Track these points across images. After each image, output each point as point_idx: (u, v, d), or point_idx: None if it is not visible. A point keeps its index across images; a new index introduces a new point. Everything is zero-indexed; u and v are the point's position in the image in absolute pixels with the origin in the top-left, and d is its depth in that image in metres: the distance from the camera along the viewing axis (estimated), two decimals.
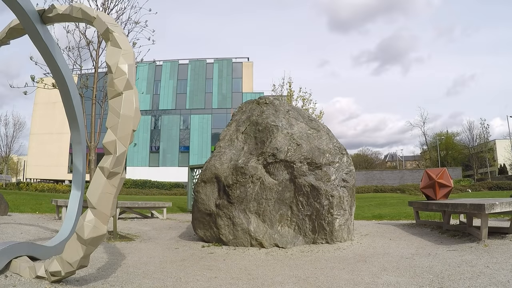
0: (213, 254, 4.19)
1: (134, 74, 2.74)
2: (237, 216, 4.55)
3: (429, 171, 6.07)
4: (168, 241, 5.14)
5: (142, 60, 8.78)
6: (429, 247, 4.07)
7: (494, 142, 51.75)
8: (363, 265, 3.41)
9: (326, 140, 4.98)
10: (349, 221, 4.71)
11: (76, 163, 3.92)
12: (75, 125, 3.84)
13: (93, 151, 7.65)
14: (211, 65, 40.35)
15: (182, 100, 39.84)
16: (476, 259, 3.28)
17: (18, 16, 3.17)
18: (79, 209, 3.78)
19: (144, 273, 3.17)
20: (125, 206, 7.98)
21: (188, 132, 39.14)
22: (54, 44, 3.49)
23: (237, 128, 5.43)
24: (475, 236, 4.21)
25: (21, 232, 4.86)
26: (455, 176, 31.33)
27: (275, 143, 4.71)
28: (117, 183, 2.53)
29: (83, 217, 2.46)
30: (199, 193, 4.92)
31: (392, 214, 8.26)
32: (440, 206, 5.10)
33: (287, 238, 4.47)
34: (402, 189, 23.59)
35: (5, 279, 2.59)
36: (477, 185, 25.03)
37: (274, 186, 4.55)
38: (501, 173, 46.47)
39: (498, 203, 3.90)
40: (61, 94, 3.69)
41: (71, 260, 2.47)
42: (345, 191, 4.69)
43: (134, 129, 2.61)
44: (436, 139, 51.57)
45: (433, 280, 2.76)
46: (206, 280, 3.00)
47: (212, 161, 4.99)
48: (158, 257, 3.97)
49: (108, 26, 2.89)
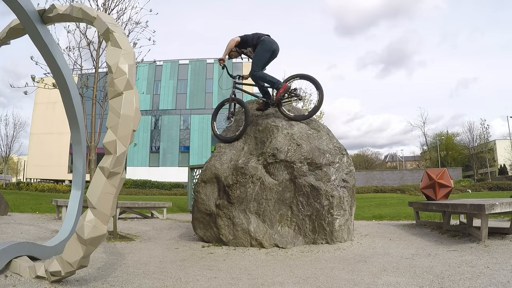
0: (213, 254, 4.19)
1: (135, 74, 2.74)
2: (237, 216, 4.55)
3: (429, 172, 6.07)
4: (168, 241, 5.14)
5: (143, 60, 8.79)
6: (429, 248, 4.07)
7: (494, 143, 51.75)
8: (363, 265, 3.41)
9: (326, 140, 4.98)
10: (349, 221, 4.71)
11: (76, 163, 3.92)
12: (75, 125, 3.84)
13: (93, 151, 7.65)
14: (211, 65, 40.34)
15: (182, 100, 39.86)
16: (476, 260, 3.28)
17: (18, 16, 3.17)
18: (79, 209, 3.78)
19: (144, 273, 3.17)
20: (125, 206, 7.98)
21: (188, 132, 39.15)
22: (54, 44, 3.49)
23: (237, 128, 5.44)
24: (475, 236, 4.21)
25: (21, 232, 4.86)
26: (455, 176, 31.34)
27: (275, 143, 4.71)
28: (117, 183, 2.53)
29: (83, 217, 2.46)
30: (199, 193, 4.92)
31: (392, 215, 8.26)
32: (440, 207, 5.10)
33: (287, 238, 4.47)
34: (402, 189, 23.59)
35: (5, 279, 2.59)
36: (477, 185, 25.02)
37: (274, 186, 4.55)
38: (501, 173, 46.47)
39: (498, 203, 3.90)
40: (61, 94, 3.69)
41: (71, 260, 2.47)
42: (345, 191, 4.69)
43: (134, 129, 2.61)
44: (436, 140, 51.57)
45: (433, 280, 2.76)
46: (206, 280, 3.00)
47: (212, 161, 4.99)
48: (158, 257, 3.97)
49: (109, 26, 2.89)
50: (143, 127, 38.39)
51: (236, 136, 5.21)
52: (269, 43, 5.12)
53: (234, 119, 5.56)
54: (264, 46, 5.10)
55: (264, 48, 5.08)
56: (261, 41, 5.13)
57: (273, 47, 5.15)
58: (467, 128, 47.35)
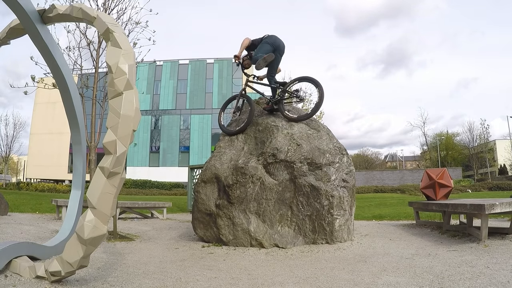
0: (213, 254, 4.19)
1: (135, 74, 2.74)
2: (237, 216, 4.55)
3: (429, 172, 6.07)
4: (168, 241, 5.14)
5: (143, 60, 8.79)
6: (429, 248, 4.07)
7: (494, 143, 51.74)
8: (363, 265, 3.41)
9: (326, 140, 4.98)
10: (349, 221, 4.71)
11: (76, 163, 3.92)
12: (75, 125, 3.83)
13: (93, 151, 7.65)
14: (211, 65, 40.35)
15: (182, 100, 39.85)
16: (476, 260, 3.28)
17: (18, 16, 3.17)
18: (79, 209, 3.78)
19: (144, 273, 3.17)
20: (125, 206, 7.98)
21: (188, 132, 39.14)
22: (54, 44, 3.49)
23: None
24: (475, 236, 4.21)
25: (21, 232, 4.86)
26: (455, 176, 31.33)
27: (275, 143, 4.71)
28: (117, 183, 2.53)
29: (83, 217, 2.46)
30: (199, 193, 4.92)
31: (392, 214, 8.26)
32: (440, 207, 5.10)
33: (287, 238, 4.47)
34: (402, 189, 23.56)
35: (5, 279, 2.59)
36: (477, 185, 25.00)
37: (274, 186, 4.55)
38: (501, 173, 46.47)
39: (498, 203, 3.90)
40: (61, 94, 3.69)
41: (71, 260, 2.47)
42: (345, 191, 4.69)
43: (134, 129, 2.61)
44: (436, 140, 51.56)
45: (433, 280, 2.76)
46: (206, 280, 3.00)
47: (212, 161, 4.99)
48: (158, 257, 3.97)
49: (109, 26, 2.89)
50: (143, 127, 38.39)
51: (236, 130, 5.34)
52: (272, 38, 5.36)
53: (239, 114, 5.74)
54: (267, 39, 5.36)
55: (266, 41, 5.33)
56: (266, 37, 5.41)
57: (276, 42, 5.34)
58: (467, 128, 47.36)
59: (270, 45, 5.26)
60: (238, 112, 5.75)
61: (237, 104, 5.72)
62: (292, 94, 5.31)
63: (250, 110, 5.30)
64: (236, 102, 5.73)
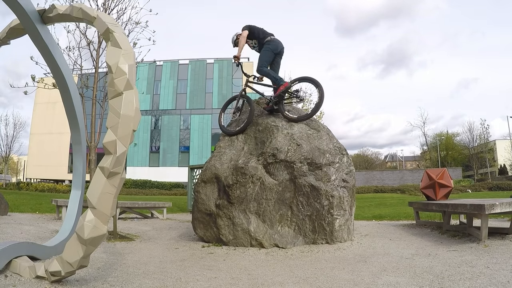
0: (213, 254, 4.19)
1: (135, 74, 2.74)
2: (237, 216, 4.55)
3: (429, 172, 6.07)
4: (168, 241, 5.14)
5: (143, 60, 8.79)
6: (429, 248, 4.07)
7: (494, 143, 51.74)
8: (363, 265, 3.41)
9: (326, 140, 4.98)
10: (349, 221, 4.71)
11: (76, 163, 3.92)
12: (75, 125, 3.83)
13: (93, 151, 7.65)
14: (211, 65, 40.35)
15: (182, 100, 39.84)
16: (476, 260, 3.28)
17: (18, 16, 3.17)
18: (79, 209, 3.78)
19: (144, 273, 3.17)
20: (125, 206, 7.98)
21: (188, 132, 39.14)
22: (54, 44, 3.49)
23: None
24: (475, 236, 4.21)
25: (21, 232, 4.86)
26: (455, 176, 31.32)
27: (275, 143, 4.71)
28: (117, 183, 2.53)
29: (83, 217, 2.46)
30: (199, 193, 4.92)
31: (392, 215, 8.26)
32: (440, 207, 5.10)
33: (287, 238, 4.47)
34: (402, 189, 23.55)
35: (5, 279, 2.59)
36: (477, 185, 24.98)
37: (274, 186, 4.55)
38: (501, 173, 46.47)
39: (498, 203, 3.90)
40: (61, 94, 3.69)
41: (71, 260, 2.47)
42: (345, 191, 4.69)
43: (134, 129, 2.61)
44: (436, 140, 51.56)
45: (433, 280, 2.76)
46: (206, 280, 3.00)
47: (212, 161, 4.99)
48: (158, 257, 3.97)
49: (109, 26, 2.89)
50: (143, 127, 38.38)
51: (236, 130, 5.35)
52: (275, 45, 5.47)
53: (239, 114, 5.75)
54: (271, 46, 5.45)
55: (270, 48, 5.44)
56: (267, 41, 5.48)
57: (279, 49, 5.51)
58: (467, 128, 47.35)
59: (272, 51, 5.41)
60: (238, 112, 5.76)
61: (237, 104, 5.73)
62: (292, 94, 5.33)
63: (250, 110, 5.30)
64: (236, 103, 5.74)
